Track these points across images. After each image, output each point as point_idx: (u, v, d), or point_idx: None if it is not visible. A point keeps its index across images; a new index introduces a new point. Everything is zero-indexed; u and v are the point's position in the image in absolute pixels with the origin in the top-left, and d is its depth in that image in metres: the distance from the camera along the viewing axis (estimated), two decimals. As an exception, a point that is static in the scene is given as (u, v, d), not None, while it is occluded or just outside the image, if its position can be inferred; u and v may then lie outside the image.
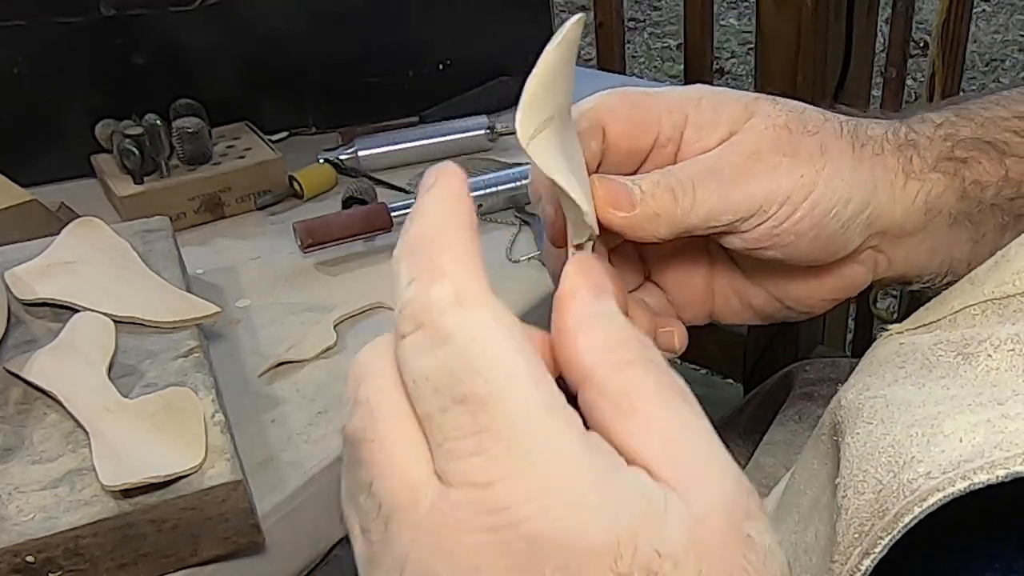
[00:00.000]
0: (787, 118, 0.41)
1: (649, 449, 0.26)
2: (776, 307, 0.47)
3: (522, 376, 0.25)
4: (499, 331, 0.26)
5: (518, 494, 0.24)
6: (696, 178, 0.40)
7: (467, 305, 0.26)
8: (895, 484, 0.31)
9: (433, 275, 0.26)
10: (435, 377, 0.26)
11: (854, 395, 0.38)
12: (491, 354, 0.25)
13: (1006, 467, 0.29)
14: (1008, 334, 0.35)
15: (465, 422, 0.25)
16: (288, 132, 0.92)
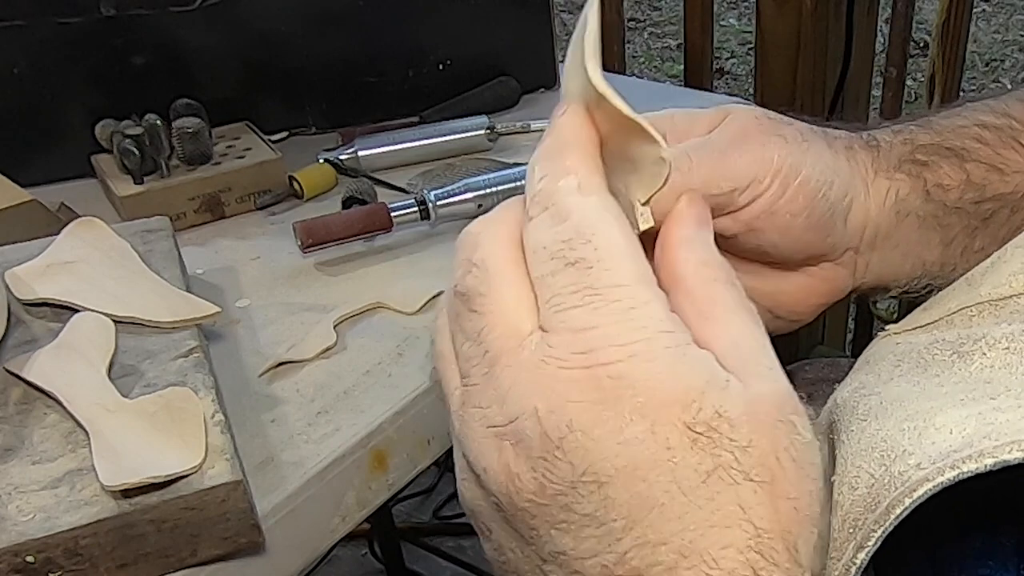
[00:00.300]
0: (763, 113, 0.43)
1: (720, 346, 0.31)
2: (767, 318, 0.47)
3: (625, 251, 0.30)
4: (610, 215, 0.31)
5: (612, 339, 0.29)
6: (691, 148, 0.41)
7: (586, 193, 0.31)
8: (887, 477, 0.31)
9: (561, 172, 0.32)
10: (553, 246, 0.30)
11: (849, 393, 0.38)
12: (602, 230, 0.30)
13: (994, 456, 0.29)
14: (1003, 333, 0.36)
15: (573, 280, 0.30)
16: (288, 132, 0.92)
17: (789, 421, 0.30)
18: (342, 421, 0.55)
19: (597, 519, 0.29)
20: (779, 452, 0.30)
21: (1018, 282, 0.38)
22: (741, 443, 0.29)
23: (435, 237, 0.73)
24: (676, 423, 0.29)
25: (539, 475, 0.29)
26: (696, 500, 0.29)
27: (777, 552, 0.29)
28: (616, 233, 0.30)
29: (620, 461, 0.28)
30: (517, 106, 0.97)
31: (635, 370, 0.29)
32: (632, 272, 0.30)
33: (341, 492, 0.53)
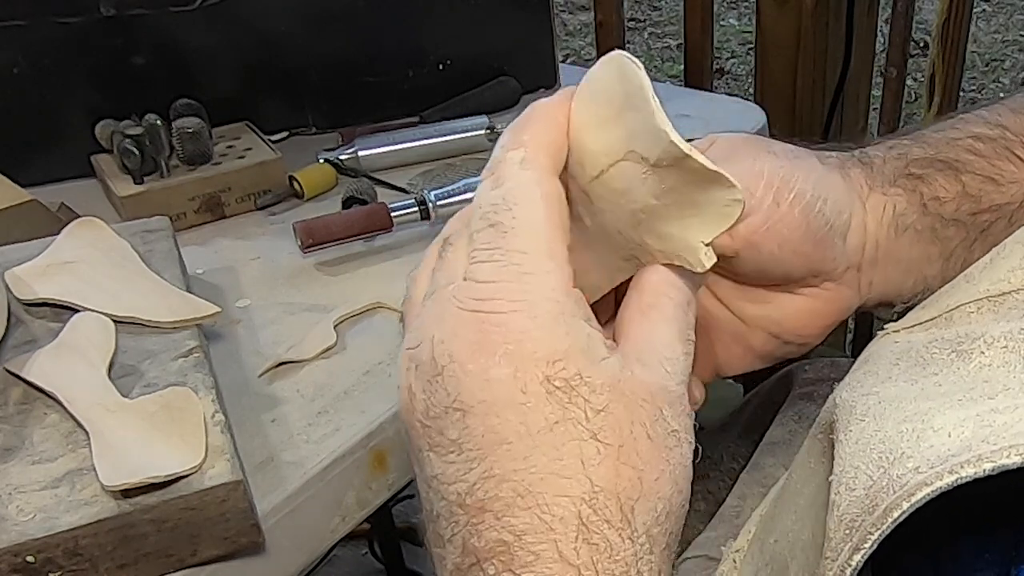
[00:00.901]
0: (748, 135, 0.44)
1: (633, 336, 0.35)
2: (776, 344, 0.48)
3: (540, 223, 0.33)
4: (539, 189, 0.34)
5: (504, 294, 0.33)
6: None
7: (526, 167, 0.35)
8: (885, 480, 0.31)
9: (515, 144, 0.35)
10: (485, 206, 0.34)
11: (848, 393, 0.38)
12: (524, 201, 0.34)
13: (993, 460, 0.29)
14: (1002, 331, 0.35)
15: (490, 240, 0.34)
16: (288, 132, 0.92)
17: (656, 406, 0.33)
18: (342, 421, 0.55)
19: (459, 446, 0.32)
20: (635, 425, 0.33)
21: (1016, 278, 0.38)
22: (596, 406, 0.32)
23: (435, 237, 0.73)
24: (537, 373, 0.32)
25: (426, 396, 0.33)
26: (540, 446, 0.32)
27: (610, 511, 0.32)
28: (537, 206, 0.34)
29: (482, 395, 0.32)
30: (517, 106, 0.97)
31: (513, 321, 0.32)
32: (540, 243, 0.33)
33: (341, 492, 0.53)
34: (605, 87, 0.35)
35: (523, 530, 0.31)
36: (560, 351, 0.32)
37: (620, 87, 0.34)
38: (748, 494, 0.64)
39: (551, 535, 0.31)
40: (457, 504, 0.33)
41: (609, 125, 0.35)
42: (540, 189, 0.34)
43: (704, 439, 0.80)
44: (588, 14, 2.99)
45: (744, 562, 0.50)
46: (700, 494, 0.73)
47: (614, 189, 0.35)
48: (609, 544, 0.31)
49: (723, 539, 0.57)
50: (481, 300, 0.33)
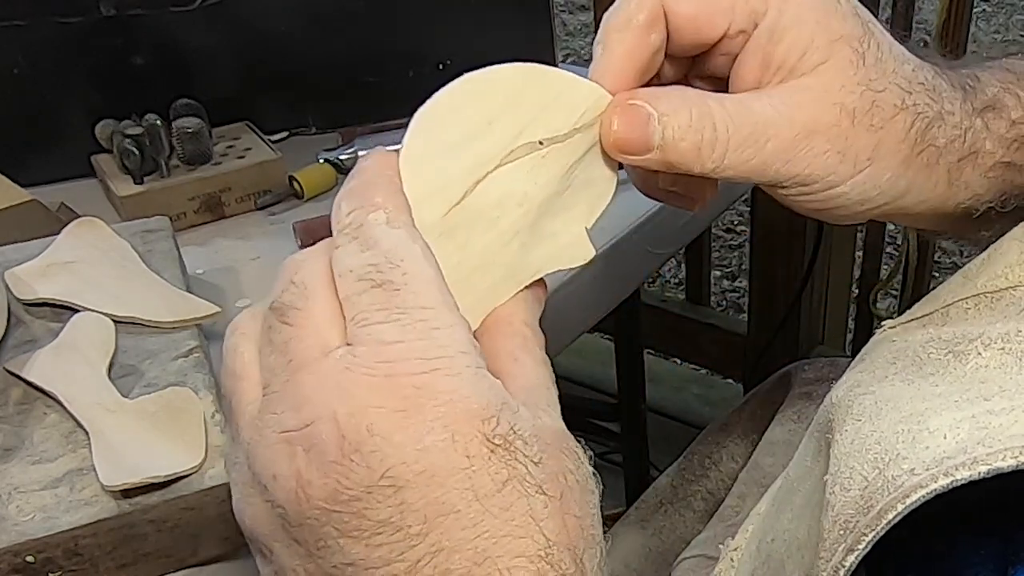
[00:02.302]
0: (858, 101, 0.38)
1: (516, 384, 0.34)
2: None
3: (432, 278, 0.32)
4: (417, 246, 0.32)
5: (417, 353, 0.30)
6: (734, 139, 0.37)
7: (394, 226, 0.32)
8: (880, 481, 0.31)
9: (369, 207, 0.33)
10: (360, 269, 0.31)
11: (844, 392, 0.38)
12: (410, 258, 0.31)
13: (988, 463, 0.29)
14: (999, 332, 0.35)
15: (381, 300, 0.31)
16: (288, 132, 0.92)
17: (571, 450, 0.33)
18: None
19: (392, 525, 0.29)
20: (565, 472, 0.32)
21: (1014, 274, 0.38)
22: (533, 458, 0.31)
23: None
24: (476, 434, 0.30)
25: (332, 480, 0.29)
26: (491, 508, 0.30)
27: (565, 563, 0.30)
28: (423, 261, 0.32)
29: (419, 466, 0.29)
30: (517, 106, 0.97)
31: (438, 382, 0.30)
32: (437, 298, 0.31)
33: (341, 492, 0.53)
34: (454, 109, 0.35)
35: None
36: (491, 406, 0.30)
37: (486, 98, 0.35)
38: (747, 494, 0.64)
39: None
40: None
41: (466, 144, 0.35)
42: (417, 245, 0.32)
43: (704, 439, 0.80)
44: (588, 14, 2.99)
45: (741, 561, 0.50)
46: (699, 494, 0.73)
47: (485, 205, 0.35)
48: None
49: (721, 538, 0.57)
50: (392, 363, 0.30)
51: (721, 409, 0.80)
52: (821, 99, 0.38)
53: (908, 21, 1.25)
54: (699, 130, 0.36)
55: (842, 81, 0.38)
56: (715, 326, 1.65)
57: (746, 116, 0.37)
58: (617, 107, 0.37)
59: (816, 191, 0.39)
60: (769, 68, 0.38)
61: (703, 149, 0.37)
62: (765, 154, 0.37)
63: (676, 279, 2.05)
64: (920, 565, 0.37)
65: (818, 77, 0.38)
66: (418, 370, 0.30)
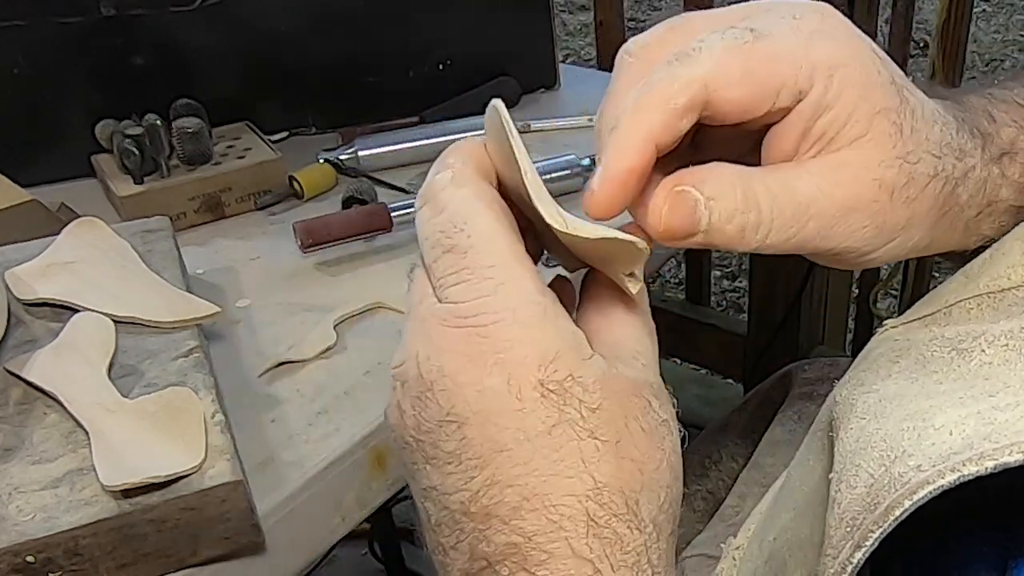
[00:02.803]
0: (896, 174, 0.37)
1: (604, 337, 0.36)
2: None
3: (496, 233, 0.34)
4: (479, 202, 0.34)
5: (485, 308, 0.33)
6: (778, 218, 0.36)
7: (459, 184, 0.35)
8: (886, 478, 0.31)
9: (440, 167, 0.36)
10: (433, 236, 0.35)
11: (848, 391, 0.38)
12: (473, 217, 0.34)
13: (994, 458, 0.29)
14: (1002, 330, 0.35)
15: (452, 263, 0.34)
16: (288, 132, 0.92)
17: (645, 399, 0.34)
18: (342, 421, 0.55)
19: (457, 457, 0.33)
20: (629, 419, 0.33)
21: (1016, 274, 0.38)
22: (590, 405, 0.33)
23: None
24: (530, 378, 0.32)
25: (416, 412, 0.34)
26: (541, 449, 0.32)
27: (616, 504, 0.32)
28: (486, 219, 0.34)
29: (477, 406, 0.32)
30: (517, 106, 0.97)
31: (500, 331, 0.32)
32: (503, 252, 0.33)
33: (341, 492, 0.53)
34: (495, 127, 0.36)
35: (533, 531, 0.32)
36: (550, 353, 0.33)
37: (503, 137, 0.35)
38: (748, 493, 0.64)
39: (561, 533, 0.32)
40: (461, 512, 0.33)
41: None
42: (481, 201, 0.34)
43: (704, 439, 0.80)
44: (588, 14, 2.99)
45: (743, 560, 0.50)
46: (700, 494, 0.73)
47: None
48: (619, 536, 0.32)
49: (723, 538, 0.57)
50: (465, 317, 0.33)
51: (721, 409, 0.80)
52: (861, 176, 0.37)
53: (908, 21, 1.25)
54: (745, 213, 0.36)
55: (881, 156, 0.37)
56: (715, 326, 1.65)
57: (790, 196, 0.36)
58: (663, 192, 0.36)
59: (849, 260, 0.39)
60: (808, 140, 0.37)
61: (747, 232, 0.36)
62: (806, 232, 0.37)
63: (676, 279, 2.05)
64: (925, 560, 0.37)
65: (858, 152, 0.37)
66: (485, 321, 0.33)
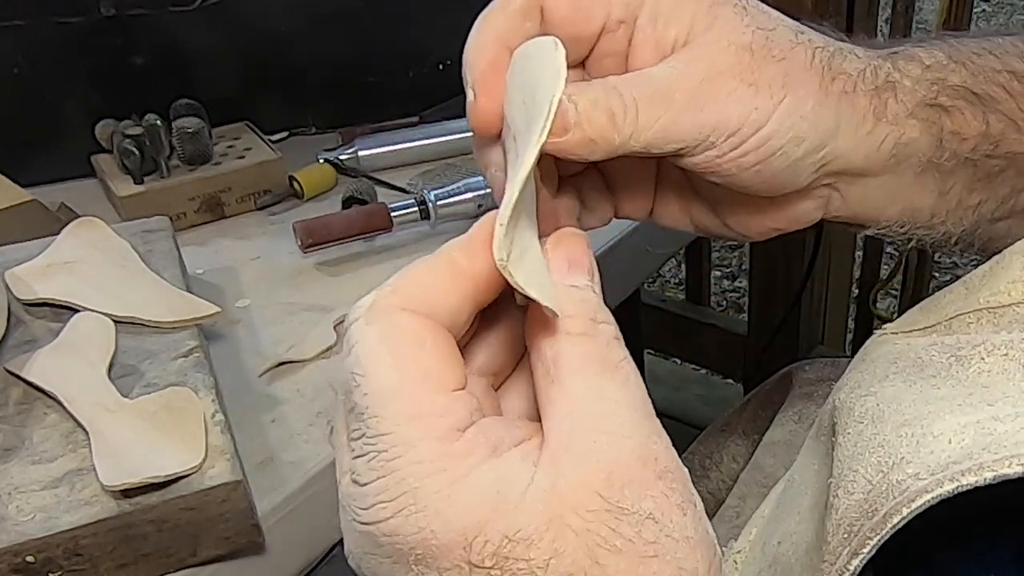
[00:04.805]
0: (752, 38, 0.37)
1: (553, 419, 0.30)
2: (715, 224, 0.44)
3: (392, 391, 0.29)
4: (381, 347, 0.30)
5: (381, 496, 0.29)
6: (642, 101, 0.36)
7: (370, 319, 0.30)
8: (884, 485, 0.31)
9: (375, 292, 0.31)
10: (341, 384, 0.31)
11: (846, 394, 0.38)
12: (370, 369, 0.29)
13: (993, 469, 0.29)
14: (1002, 340, 0.35)
15: (355, 427, 0.30)
16: (288, 132, 0.92)
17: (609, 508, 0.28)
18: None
19: None
20: (595, 550, 0.27)
21: (1016, 291, 0.38)
22: (541, 560, 0.27)
23: (435, 237, 0.73)
24: (461, 565, 0.28)
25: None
26: None
27: None
28: (383, 373, 0.29)
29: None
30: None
31: (405, 525, 0.28)
32: (398, 415, 0.29)
33: (341, 492, 0.53)
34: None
35: None
36: (472, 527, 0.28)
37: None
38: (748, 494, 0.64)
39: None
40: None
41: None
42: (385, 345, 0.30)
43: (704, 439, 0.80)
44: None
45: (745, 563, 0.50)
46: (700, 494, 0.73)
47: None
48: None
49: (723, 540, 0.56)
50: (366, 510, 0.29)
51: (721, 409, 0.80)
52: (716, 46, 0.37)
53: (908, 21, 1.25)
54: (607, 100, 0.36)
55: (731, 28, 0.37)
56: (715, 326, 1.65)
57: (648, 80, 0.37)
58: None
59: (746, 137, 0.37)
60: (663, 51, 0.38)
61: (616, 116, 0.35)
62: (676, 106, 0.36)
63: (676, 279, 2.05)
64: (925, 570, 0.37)
65: (708, 34, 0.37)
66: (386, 515, 0.29)
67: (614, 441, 0.29)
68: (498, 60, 0.37)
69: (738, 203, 0.43)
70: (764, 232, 0.44)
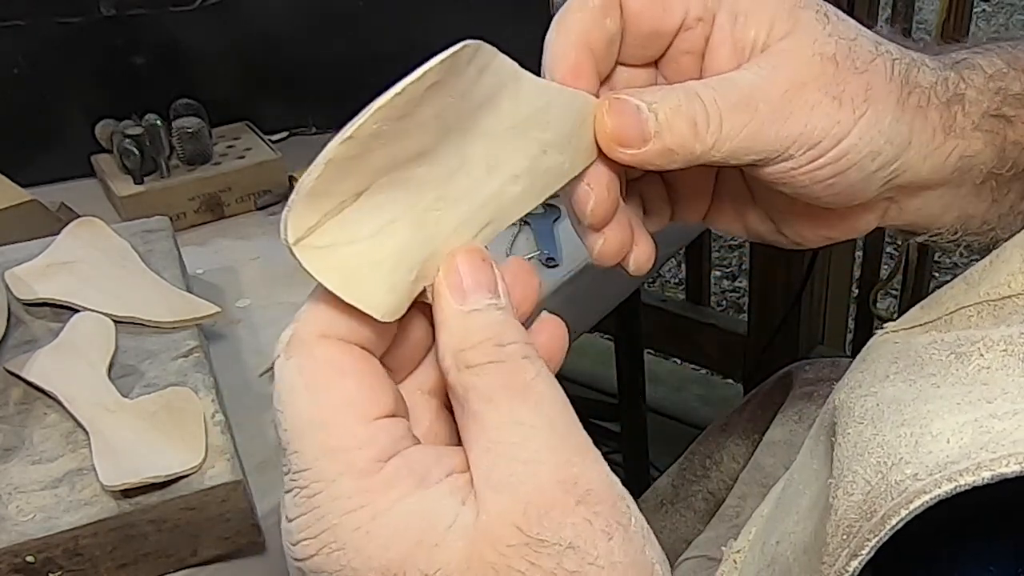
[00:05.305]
0: (836, 48, 0.37)
1: (472, 452, 0.29)
2: (769, 230, 0.44)
3: (309, 425, 0.29)
4: (299, 380, 0.29)
5: (304, 533, 0.28)
6: (726, 109, 0.35)
7: (288, 353, 0.30)
8: (883, 485, 0.31)
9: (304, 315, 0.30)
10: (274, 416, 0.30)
11: (846, 394, 0.38)
12: (288, 405, 0.29)
13: (991, 468, 0.28)
14: (1001, 335, 0.35)
15: (283, 462, 0.29)
16: (288, 132, 0.92)
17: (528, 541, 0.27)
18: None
19: None
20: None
21: (1017, 282, 0.38)
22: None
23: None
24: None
25: None
26: None
27: None
28: (302, 405, 0.29)
29: None
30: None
31: (328, 562, 0.28)
32: (317, 448, 0.28)
33: (341, 492, 0.53)
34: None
35: None
36: (392, 563, 0.27)
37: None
38: (748, 494, 0.64)
39: None
40: None
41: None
42: (303, 377, 0.29)
43: (704, 439, 0.80)
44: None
45: (745, 563, 0.50)
46: (700, 494, 0.73)
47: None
48: None
49: (723, 539, 0.57)
50: (294, 546, 0.29)
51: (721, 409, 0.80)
52: (800, 54, 0.36)
53: (908, 21, 1.25)
54: (690, 108, 0.35)
55: (814, 36, 0.37)
56: (715, 326, 1.65)
57: (732, 87, 0.36)
58: (604, 103, 0.36)
59: (826, 150, 0.37)
60: (742, 52, 0.37)
61: (699, 125, 0.35)
62: (760, 116, 0.36)
63: (676, 279, 2.05)
64: (927, 571, 0.36)
65: (790, 40, 0.37)
66: (310, 552, 0.28)
67: (530, 469, 0.28)
68: (580, 65, 0.36)
69: (797, 212, 0.43)
70: (819, 241, 0.44)
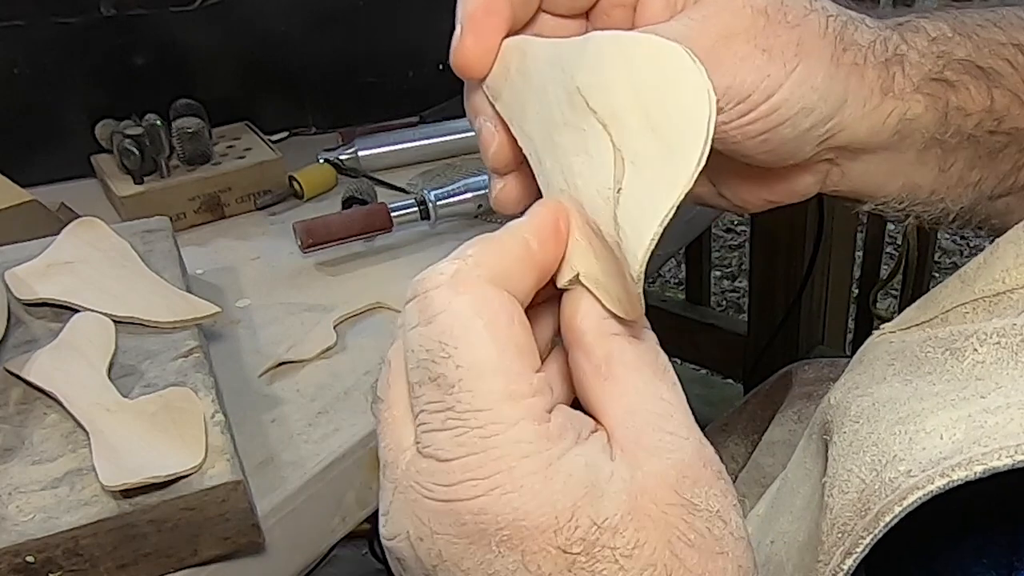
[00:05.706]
0: (767, 1, 0.36)
1: (613, 414, 0.29)
2: (710, 193, 0.44)
3: (490, 366, 0.28)
4: (478, 320, 0.28)
5: (471, 473, 0.27)
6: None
7: (456, 289, 0.29)
8: (877, 483, 0.31)
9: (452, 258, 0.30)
10: (418, 352, 0.29)
11: (842, 394, 0.38)
12: (465, 341, 0.28)
13: (984, 463, 0.29)
14: (995, 328, 0.35)
15: (436, 399, 0.28)
16: (288, 132, 0.92)
17: (684, 503, 0.28)
18: (342, 421, 0.55)
19: None
20: (673, 542, 0.27)
21: (1011, 278, 0.38)
22: (626, 549, 0.27)
23: (435, 237, 0.73)
24: (549, 549, 0.27)
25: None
26: None
27: None
28: (481, 346, 0.28)
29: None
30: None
31: (497, 503, 0.27)
32: (496, 392, 0.28)
33: (341, 492, 0.53)
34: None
35: None
36: (565, 510, 0.27)
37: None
38: (747, 494, 0.64)
39: None
40: None
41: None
42: (481, 318, 0.28)
43: (704, 439, 0.80)
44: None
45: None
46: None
47: None
48: None
49: (723, 539, 0.56)
50: (450, 486, 0.28)
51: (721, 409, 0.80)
52: (730, 6, 0.36)
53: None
54: None
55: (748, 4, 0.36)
56: (715, 326, 1.65)
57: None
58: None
59: (756, 104, 0.36)
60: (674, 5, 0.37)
61: None
62: None
63: (676, 279, 2.05)
64: (922, 567, 0.37)
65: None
66: (473, 493, 0.27)
67: (677, 442, 0.29)
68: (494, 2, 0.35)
69: (735, 173, 0.42)
70: (759, 204, 0.43)
